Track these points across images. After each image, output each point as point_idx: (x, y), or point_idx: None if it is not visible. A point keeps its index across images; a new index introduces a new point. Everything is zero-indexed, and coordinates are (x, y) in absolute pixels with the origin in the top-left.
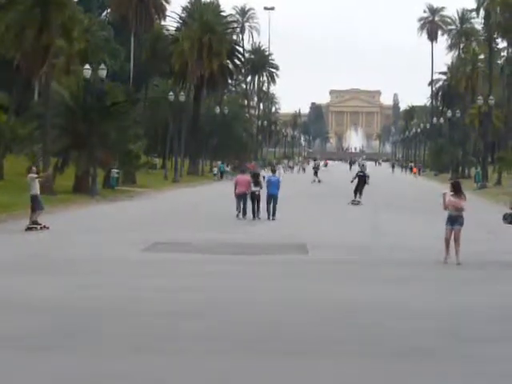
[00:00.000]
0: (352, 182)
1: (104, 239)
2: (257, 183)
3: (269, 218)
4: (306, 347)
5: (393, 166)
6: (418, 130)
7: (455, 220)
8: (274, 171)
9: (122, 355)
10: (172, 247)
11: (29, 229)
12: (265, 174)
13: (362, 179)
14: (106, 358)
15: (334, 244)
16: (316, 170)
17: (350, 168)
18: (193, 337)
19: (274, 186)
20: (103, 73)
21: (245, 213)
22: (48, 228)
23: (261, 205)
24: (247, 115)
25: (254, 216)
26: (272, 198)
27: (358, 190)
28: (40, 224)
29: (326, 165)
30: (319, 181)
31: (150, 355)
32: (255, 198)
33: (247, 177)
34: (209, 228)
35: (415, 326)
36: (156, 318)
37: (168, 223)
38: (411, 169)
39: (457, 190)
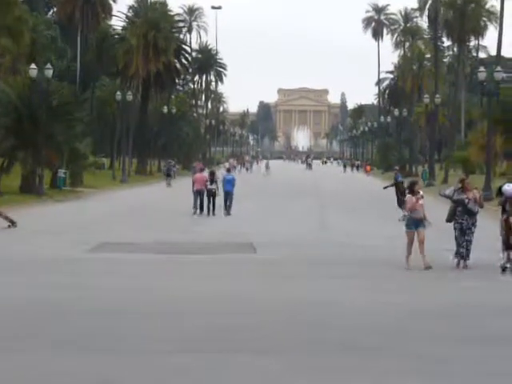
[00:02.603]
0: (385, 188)
1: (50, 239)
2: (213, 181)
3: (226, 213)
4: (252, 345)
5: (344, 166)
6: (366, 128)
7: (420, 222)
8: (228, 170)
9: (62, 355)
10: (118, 247)
11: None
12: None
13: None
14: (47, 359)
15: (282, 242)
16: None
17: (307, 167)
18: (134, 335)
19: (229, 183)
20: (49, 72)
21: (202, 209)
22: None
23: (216, 201)
24: (195, 115)
25: (209, 212)
26: (227, 194)
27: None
28: None
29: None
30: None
31: (92, 355)
32: (211, 195)
33: (204, 175)
34: (158, 228)
35: (361, 323)
36: (96, 316)
37: (116, 223)
38: (357, 167)
39: (416, 190)
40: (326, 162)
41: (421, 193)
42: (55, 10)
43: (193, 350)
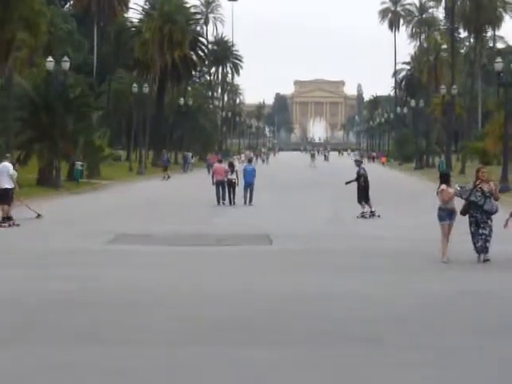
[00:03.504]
0: (348, 184)
1: (68, 232)
2: (233, 171)
3: (245, 203)
4: (260, 337)
5: (361, 157)
6: (382, 119)
7: (453, 213)
8: (250, 161)
9: (79, 346)
10: (136, 239)
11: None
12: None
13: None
14: (64, 349)
15: (299, 234)
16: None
17: (324, 158)
18: (151, 328)
19: (250, 174)
20: (66, 65)
21: (224, 199)
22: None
23: (236, 192)
24: (211, 106)
25: (230, 202)
26: (248, 185)
27: (362, 196)
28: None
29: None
30: None
31: (107, 345)
32: (231, 186)
33: (224, 166)
34: (175, 219)
35: (369, 315)
36: (114, 308)
37: (133, 215)
38: (373, 158)
39: (449, 181)
40: (342, 154)
41: (456, 185)
42: (71, 2)
43: (203, 342)
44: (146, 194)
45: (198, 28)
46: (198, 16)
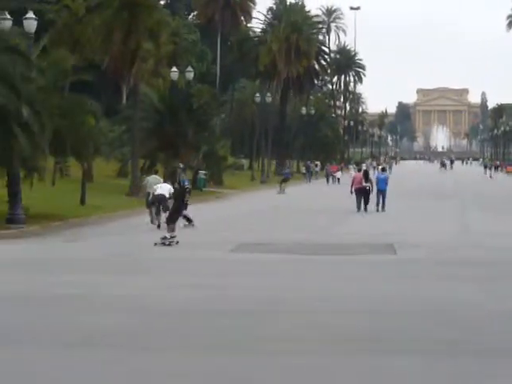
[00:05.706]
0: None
1: (191, 240)
2: (366, 180)
3: (378, 210)
4: (396, 346)
5: (485, 166)
6: (507, 128)
7: None
8: (384, 169)
9: (190, 354)
10: (257, 248)
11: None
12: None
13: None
14: (188, 358)
15: (427, 244)
16: None
17: (450, 167)
18: (273, 338)
19: (382, 182)
20: (190, 75)
21: (358, 206)
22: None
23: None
24: (333, 115)
25: (363, 208)
26: (381, 192)
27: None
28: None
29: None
30: None
31: (225, 355)
32: (366, 193)
33: (361, 175)
34: (298, 228)
35: (490, 326)
36: (228, 316)
37: (255, 223)
38: (496, 167)
39: None
40: (466, 163)
41: None
42: (195, 13)
43: (338, 351)
44: (267, 202)
45: (321, 37)
46: (321, 25)
